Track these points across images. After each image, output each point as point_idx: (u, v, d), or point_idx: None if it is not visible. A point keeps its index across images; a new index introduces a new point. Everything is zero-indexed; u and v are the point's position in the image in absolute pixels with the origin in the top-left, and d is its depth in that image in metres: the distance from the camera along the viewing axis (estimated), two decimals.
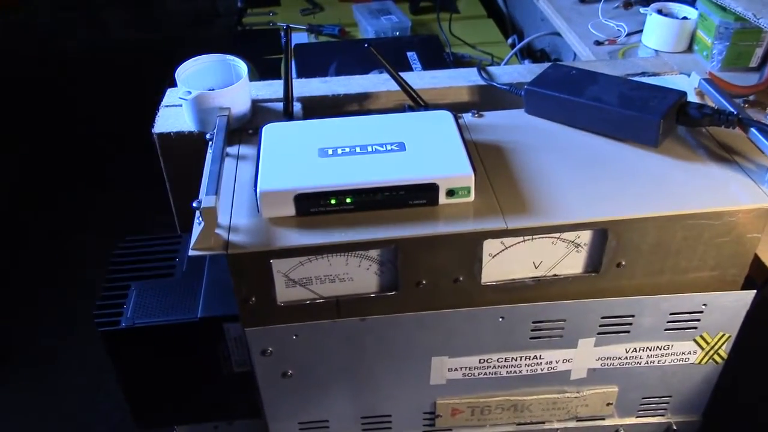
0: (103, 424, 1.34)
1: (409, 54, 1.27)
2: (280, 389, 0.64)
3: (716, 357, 0.65)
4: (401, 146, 0.57)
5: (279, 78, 0.67)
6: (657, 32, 1.00)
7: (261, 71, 1.24)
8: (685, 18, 1.00)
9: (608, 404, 0.68)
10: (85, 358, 1.42)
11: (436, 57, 1.28)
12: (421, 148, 0.57)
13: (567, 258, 0.58)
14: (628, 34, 1.05)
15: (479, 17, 1.54)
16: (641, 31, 1.04)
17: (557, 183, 0.58)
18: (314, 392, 0.65)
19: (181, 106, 0.68)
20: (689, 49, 1.01)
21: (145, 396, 0.68)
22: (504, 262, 0.57)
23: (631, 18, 1.08)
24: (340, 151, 0.57)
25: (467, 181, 0.55)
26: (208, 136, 0.62)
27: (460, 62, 1.32)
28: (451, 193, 0.55)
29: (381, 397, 0.66)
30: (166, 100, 0.71)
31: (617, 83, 0.64)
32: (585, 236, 0.57)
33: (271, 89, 0.73)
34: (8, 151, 1.84)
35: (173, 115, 0.69)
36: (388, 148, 0.57)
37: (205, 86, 0.67)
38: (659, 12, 1.01)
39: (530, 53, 1.48)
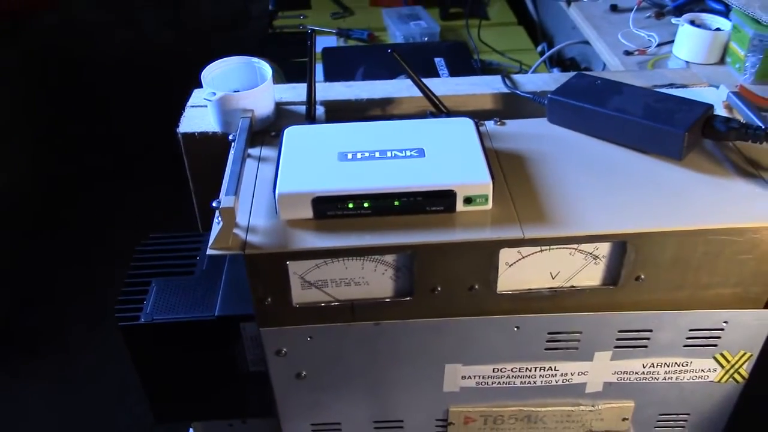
0: (126, 417, 1.36)
1: (436, 60, 1.28)
2: (294, 390, 0.64)
3: (737, 376, 0.64)
4: (420, 152, 0.57)
5: (306, 81, 0.68)
6: (689, 43, 0.99)
7: (290, 74, 1.25)
8: (718, 29, 0.98)
9: (624, 419, 0.68)
10: (110, 351, 1.44)
11: (464, 63, 1.28)
12: (441, 154, 0.57)
13: (585, 269, 0.58)
14: (659, 45, 1.04)
15: (509, 24, 1.54)
16: (672, 41, 1.02)
17: (577, 193, 0.57)
18: (327, 394, 0.65)
19: (206, 106, 0.69)
20: (722, 61, 0.99)
21: (162, 390, 0.69)
22: (520, 271, 0.57)
23: (663, 28, 1.07)
24: (359, 155, 0.57)
25: (485, 189, 0.54)
26: (230, 137, 0.63)
27: (488, 69, 1.32)
28: (468, 200, 0.55)
29: (394, 402, 0.66)
30: (192, 101, 0.72)
31: (642, 94, 0.64)
32: (603, 248, 0.56)
33: (295, 92, 0.73)
34: (42, 147, 1.88)
35: (198, 116, 0.70)
36: (408, 153, 0.57)
37: (230, 88, 0.68)
38: (692, 23, 1.00)
39: (560, 62, 1.47)
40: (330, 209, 0.55)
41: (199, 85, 0.70)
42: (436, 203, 0.55)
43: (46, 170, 1.87)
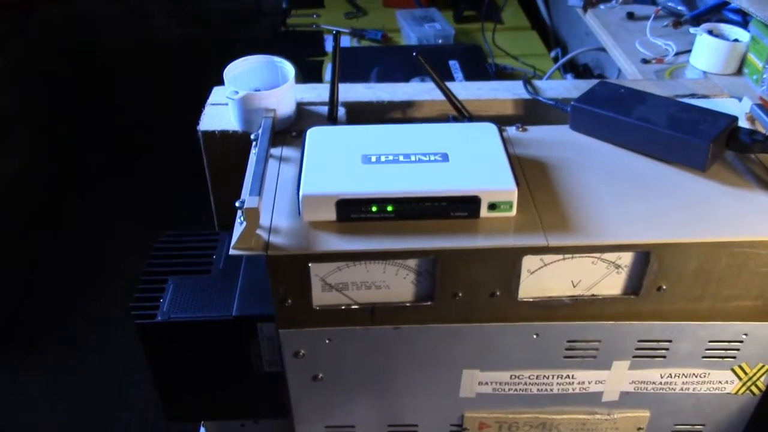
0: (128, 412, 1.36)
1: (451, 63, 1.27)
2: (310, 392, 0.64)
3: (754, 388, 0.64)
4: (445, 157, 0.57)
5: (320, 81, 0.68)
6: (706, 53, 0.99)
7: (303, 72, 1.25)
8: (736, 40, 0.98)
9: (639, 429, 0.67)
10: (114, 345, 1.45)
11: (478, 67, 1.28)
12: (465, 159, 0.57)
13: (606, 278, 0.57)
14: (676, 54, 1.03)
15: (523, 29, 1.54)
16: (690, 51, 1.02)
17: (601, 202, 0.57)
18: (343, 397, 0.65)
19: (226, 104, 0.69)
20: (739, 72, 0.99)
21: (176, 389, 0.68)
22: (542, 279, 0.57)
23: (680, 37, 1.07)
24: (383, 158, 0.57)
25: (510, 196, 0.54)
26: (252, 136, 0.63)
27: (502, 73, 1.32)
28: (492, 206, 0.54)
29: (409, 406, 0.66)
30: (212, 99, 0.72)
31: (666, 104, 0.63)
32: (626, 258, 0.56)
33: (315, 92, 0.73)
34: (51, 141, 1.88)
35: (218, 114, 0.69)
36: (432, 158, 0.57)
37: (251, 86, 0.68)
38: (710, 33, 0.99)
39: (573, 68, 1.47)
40: (353, 212, 0.54)
41: (217, 83, 0.70)
42: (460, 209, 0.55)
43: (49, 162, 1.87)
